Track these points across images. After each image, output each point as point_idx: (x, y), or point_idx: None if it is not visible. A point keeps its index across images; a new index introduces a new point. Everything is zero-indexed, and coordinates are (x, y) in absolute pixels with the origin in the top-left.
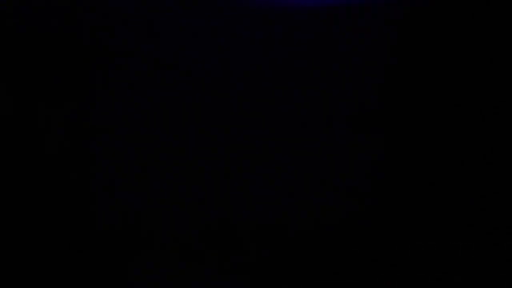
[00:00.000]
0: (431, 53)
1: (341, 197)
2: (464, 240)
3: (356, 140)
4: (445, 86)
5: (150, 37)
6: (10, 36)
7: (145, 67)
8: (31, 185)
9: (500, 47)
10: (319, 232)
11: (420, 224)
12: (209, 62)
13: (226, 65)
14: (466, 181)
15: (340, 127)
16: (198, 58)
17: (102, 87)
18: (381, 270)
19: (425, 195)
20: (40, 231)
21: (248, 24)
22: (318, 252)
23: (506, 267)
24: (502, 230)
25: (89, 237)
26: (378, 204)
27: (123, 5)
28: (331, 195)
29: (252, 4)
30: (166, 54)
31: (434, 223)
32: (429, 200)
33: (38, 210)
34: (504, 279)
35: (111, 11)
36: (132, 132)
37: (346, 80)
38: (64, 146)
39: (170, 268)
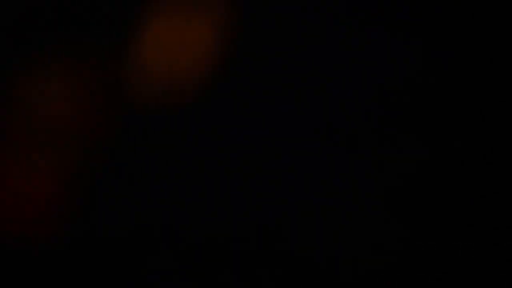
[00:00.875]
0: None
1: (341, 198)
2: (464, 240)
3: (357, 140)
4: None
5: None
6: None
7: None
8: (33, 185)
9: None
10: (319, 232)
11: (420, 224)
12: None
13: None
14: (465, 181)
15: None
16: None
17: None
18: (380, 269)
19: (425, 195)
20: (41, 231)
21: None
22: (318, 252)
23: (506, 267)
24: (502, 230)
25: (90, 238)
26: (378, 204)
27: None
28: (332, 196)
29: None
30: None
31: (433, 223)
32: (429, 200)
33: (39, 210)
34: (504, 279)
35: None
36: (133, 131)
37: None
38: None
39: (171, 269)
